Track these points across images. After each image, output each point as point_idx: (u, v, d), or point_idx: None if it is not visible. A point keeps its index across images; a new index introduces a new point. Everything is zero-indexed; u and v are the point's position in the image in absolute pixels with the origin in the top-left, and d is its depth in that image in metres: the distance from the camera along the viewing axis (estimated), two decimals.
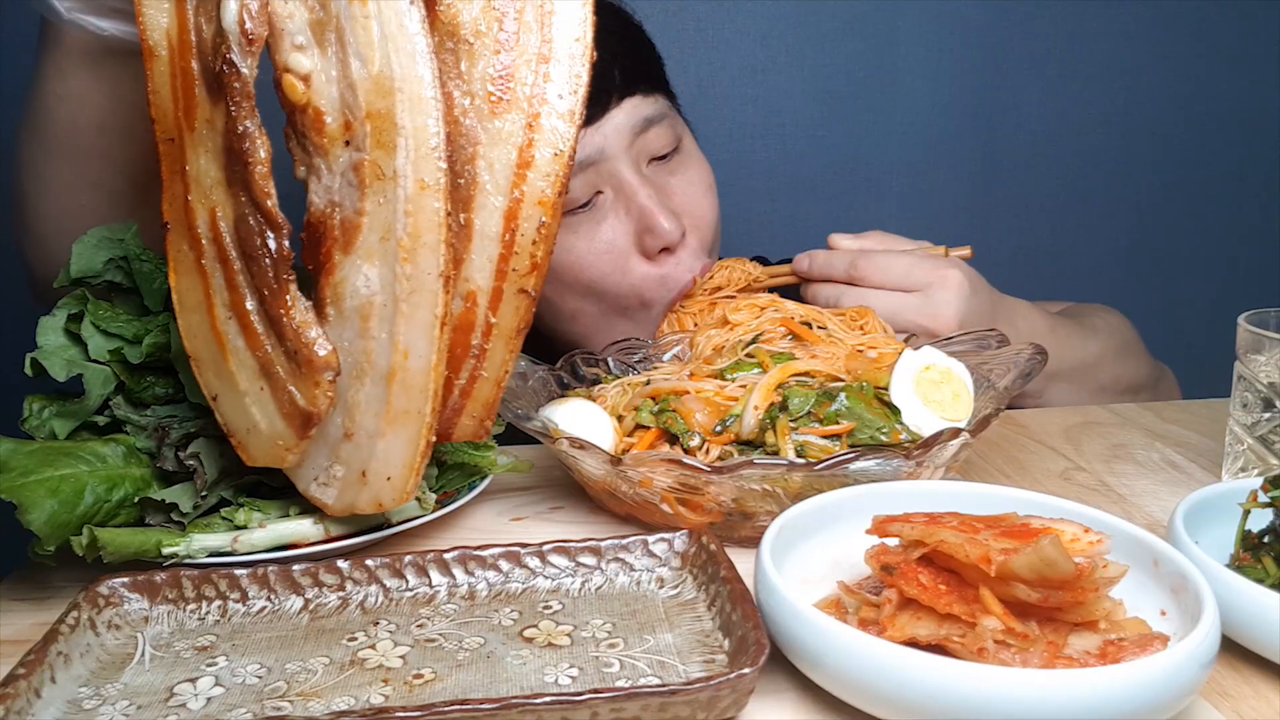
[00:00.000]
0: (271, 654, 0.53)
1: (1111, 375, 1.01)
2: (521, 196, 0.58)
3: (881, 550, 0.51)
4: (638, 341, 0.90)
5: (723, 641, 0.52)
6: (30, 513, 0.57)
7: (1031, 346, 0.74)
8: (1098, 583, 0.48)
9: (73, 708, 0.49)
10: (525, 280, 0.59)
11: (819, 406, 0.69)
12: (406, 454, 0.58)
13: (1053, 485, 0.76)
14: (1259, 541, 0.56)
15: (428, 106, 0.54)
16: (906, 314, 0.86)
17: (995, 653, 0.45)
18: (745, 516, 0.65)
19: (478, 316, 0.60)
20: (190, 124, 0.56)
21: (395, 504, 0.59)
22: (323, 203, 0.56)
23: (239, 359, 0.58)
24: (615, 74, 0.89)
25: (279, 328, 0.56)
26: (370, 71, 0.54)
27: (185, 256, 0.59)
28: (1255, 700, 0.50)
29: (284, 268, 0.56)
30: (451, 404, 0.62)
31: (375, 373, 0.57)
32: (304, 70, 0.54)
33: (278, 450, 0.59)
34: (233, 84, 0.54)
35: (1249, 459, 0.70)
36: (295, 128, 0.55)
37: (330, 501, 0.60)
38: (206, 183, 0.57)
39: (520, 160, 0.58)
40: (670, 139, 0.94)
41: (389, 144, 0.54)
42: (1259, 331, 0.68)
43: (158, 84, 0.57)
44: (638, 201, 0.90)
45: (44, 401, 0.65)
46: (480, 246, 0.58)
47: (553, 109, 0.58)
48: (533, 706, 0.44)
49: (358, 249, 0.56)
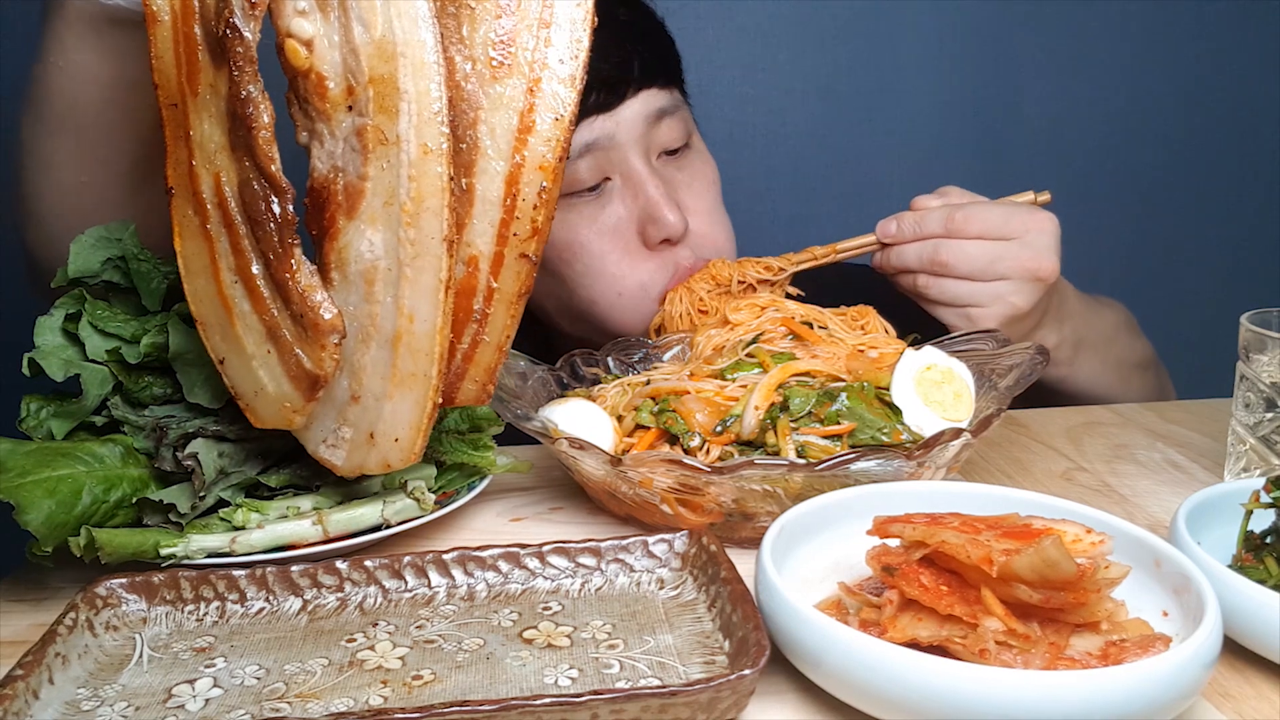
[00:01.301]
0: (270, 655, 0.53)
1: (1125, 348, 1.02)
2: (523, 161, 0.58)
3: (882, 551, 0.51)
4: (638, 341, 0.90)
5: (723, 642, 0.52)
6: (28, 513, 0.57)
7: (1032, 346, 0.74)
8: (1099, 583, 0.48)
9: (71, 709, 0.49)
10: (526, 245, 0.59)
11: (820, 407, 0.69)
12: (413, 416, 0.58)
13: (1054, 486, 0.76)
14: (1261, 542, 0.56)
15: (430, 71, 0.55)
16: (1007, 261, 0.85)
17: (997, 654, 0.45)
18: (746, 517, 0.65)
19: (480, 281, 0.60)
20: (194, 89, 0.57)
21: (403, 464, 0.60)
22: (326, 168, 0.56)
23: (245, 323, 0.59)
24: (634, 64, 0.90)
25: (285, 292, 0.57)
26: (373, 36, 0.54)
27: (190, 221, 0.59)
28: (1257, 701, 0.50)
29: (289, 232, 0.56)
30: (454, 368, 0.62)
31: (381, 336, 0.57)
32: (306, 35, 0.54)
33: (285, 412, 0.60)
34: (235, 49, 0.54)
35: (1251, 459, 0.70)
36: (297, 93, 0.56)
37: (339, 462, 0.61)
38: (210, 148, 0.57)
39: (521, 125, 0.58)
40: (682, 133, 0.95)
41: (392, 109, 0.55)
42: (1261, 331, 0.68)
43: (161, 49, 0.57)
44: (645, 191, 0.91)
45: (41, 402, 0.65)
46: (482, 211, 0.59)
47: (554, 74, 0.58)
48: (532, 708, 0.44)
49: (361, 214, 0.56)
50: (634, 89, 0.90)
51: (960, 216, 0.85)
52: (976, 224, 0.85)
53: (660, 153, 0.94)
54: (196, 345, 0.65)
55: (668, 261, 0.94)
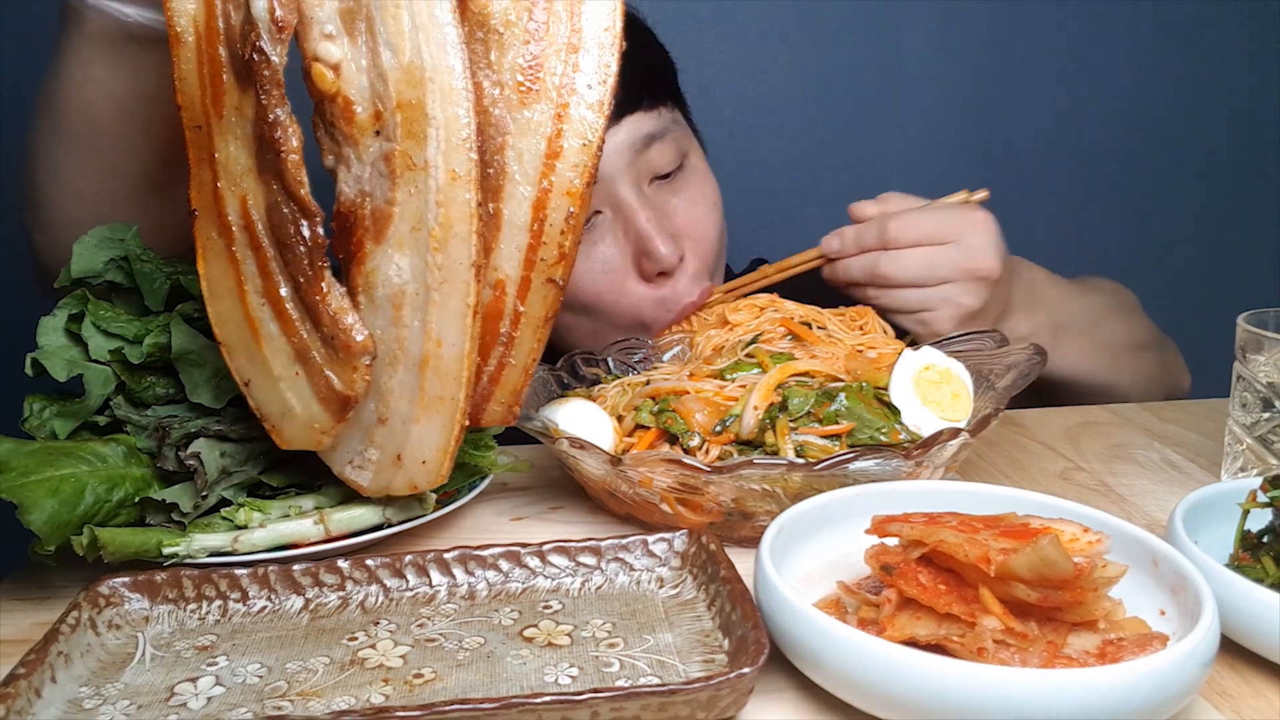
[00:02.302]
0: (272, 653, 0.53)
1: (1115, 330, 0.99)
2: (550, 187, 0.59)
3: (881, 550, 0.51)
4: (638, 341, 0.90)
5: (722, 641, 0.52)
6: (31, 513, 0.57)
7: (1031, 346, 0.75)
8: (1097, 582, 0.48)
9: (73, 707, 0.49)
10: (553, 270, 0.60)
11: (818, 406, 0.69)
12: (441, 438, 0.59)
13: (1052, 485, 0.76)
14: (1258, 541, 0.56)
15: (459, 97, 0.55)
16: (945, 266, 0.84)
17: (995, 652, 0.45)
18: (745, 516, 0.65)
19: (506, 305, 0.60)
20: (219, 111, 0.57)
21: (430, 485, 0.61)
22: (353, 192, 0.56)
23: (273, 345, 0.59)
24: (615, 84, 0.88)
25: (315, 314, 0.57)
26: (401, 61, 0.54)
27: (215, 244, 0.59)
28: (1255, 700, 0.50)
29: (319, 255, 0.57)
30: (480, 390, 0.63)
31: (409, 360, 0.58)
32: (333, 59, 0.54)
33: (313, 433, 0.60)
34: (263, 72, 0.54)
35: (1248, 459, 0.70)
36: (324, 117, 0.56)
37: (365, 484, 0.62)
38: (236, 170, 0.57)
39: (549, 150, 0.58)
40: (674, 156, 0.92)
41: (420, 134, 0.55)
42: (1258, 331, 0.68)
43: (184, 70, 0.57)
44: (636, 224, 0.88)
45: (44, 401, 0.65)
46: (509, 236, 0.59)
47: (581, 99, 0.58)
48: (533, 706, 0.44)
49: (389, 238, 0.56)
50: (616, 116, 0.86)
51: (894, 227, 0.85)
52: (911, 232, 0.84)
53: (652, 178, 0.91)
54: (199, 345, 0.65)
55: (664, 293, 0.92)
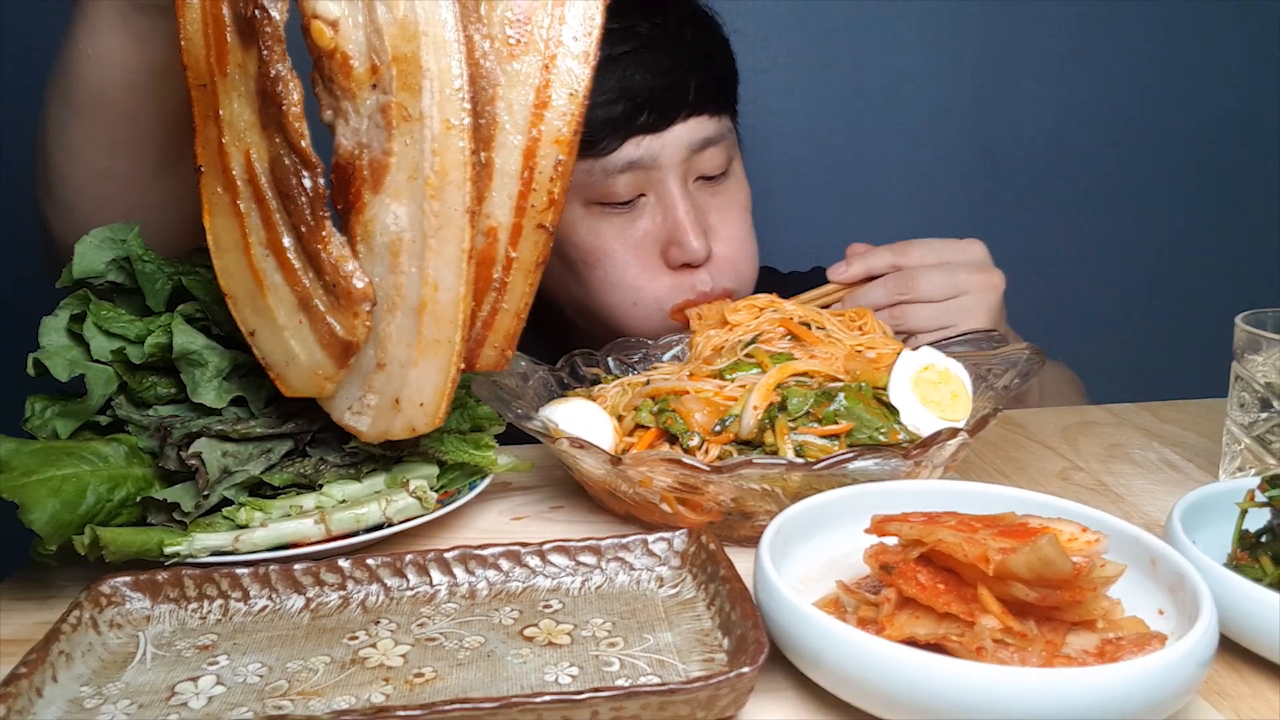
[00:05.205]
0: (273, 653, 0.54)
1: None
2: (539, 135, 0.60)
3: (880, 549, 0.51)
4: (638, 341, 0.90)
5: (722, 640, 0.53)
6: (32, 512, 0.57)
7: (1029, 346, 0.75)
8: (1095, 582, 0.48)
9: (74, 706, 0.49)
10: (543, 216, 0.61)
11: (818, 406, 0.69)
12: (438, 381, 0.60)
13: (1050, 485, 0.77)
14: (1256, 541, 0.56)
15: (451, 49, 0.56)
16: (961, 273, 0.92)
17: (993, 652, 0.45)
18: (744, 516, 0.66)
19: (498, 251, 0.62)
20: (223, 69, 0.58)
21: (428, 428, 0.62)
22: (351, 144, 0.58)
23: (277, 294, 0.60)
24: (690, 89, 0.92)
25: (317, 262, 0.59)
26: (395, 16, 0.56)
27: (220, 199, 0.60)
28: (1253, 699, 0.50)
29: (320, 205, 0.58)
30: (475, 335, 0.64)
31: (406, 305, 0.59)
32: (331, 16, 0.56)
33: (317, 380, 0.61)
34: (264, 29, 0.56)
35: (1246, 458, 0.70)
36: (322, 72, 0.57)
37: (365, 429, 0.63)
38: (240, 126, 0.59)
39: (538, 101, 0.60)
40: (722, 162, 0.97)
41: (415, 86, 0.56)
42: (1256, 332, 0.69)
43: (190, 31, 0.58)
44: (675, 214, 0.93)
45: (46, 401, 0.65)
46: (501, 184, 0.60)
47: (568, 51, 0.60)
48: (533, 705, 0.44)
49: (386, 188, 0.58)
50: (684, 114, 0.92)
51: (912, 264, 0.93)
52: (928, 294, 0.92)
53: (697, 177, 0.96)
54: (200, 345, 0.65)
55: (685, 283, 0.96)
